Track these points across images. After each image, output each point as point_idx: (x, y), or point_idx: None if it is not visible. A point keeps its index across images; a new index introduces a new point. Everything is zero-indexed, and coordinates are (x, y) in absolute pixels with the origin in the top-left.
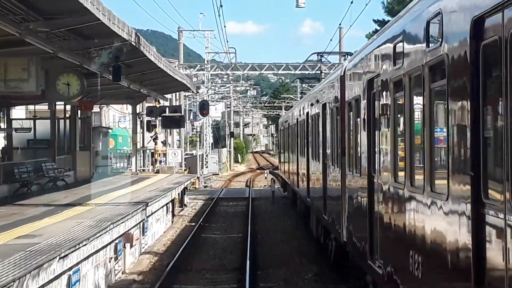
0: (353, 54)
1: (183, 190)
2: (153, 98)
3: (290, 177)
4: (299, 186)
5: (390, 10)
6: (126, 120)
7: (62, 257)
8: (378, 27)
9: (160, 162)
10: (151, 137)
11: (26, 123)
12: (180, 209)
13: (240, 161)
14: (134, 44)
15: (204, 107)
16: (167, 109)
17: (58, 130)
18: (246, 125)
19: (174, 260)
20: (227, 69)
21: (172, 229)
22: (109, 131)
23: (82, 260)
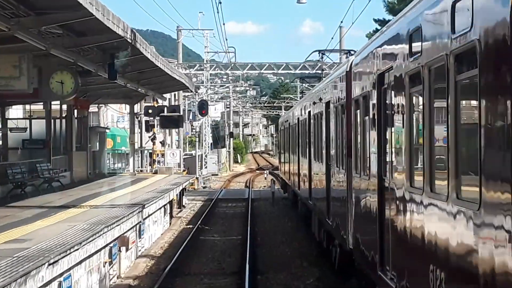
0: (356, 51)
1: (182, 191)
2: (151, 97)
3: (291, 178)
4: (300, 187)
5: (391, 9)
6: (124, 120)
7: (52, 263)
8: (378, 27)
9: (158, 162)
10: (149, 137)
11: (22, 123)
12: (178, 210)
13: (239, 161)
14: (130, 41)
15: (203, 107)
16: (166, 108)
17: (54, 130)
18: (245, 125)
19: (171, 263)
20: (227, 68)
21: (169, 231)
22: (106, 131)
23: (74, 265)
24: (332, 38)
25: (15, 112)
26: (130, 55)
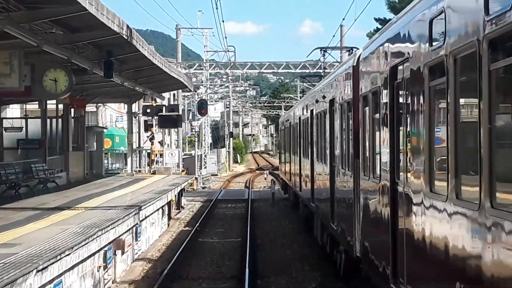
0: (359, 49)
1: (180, 192)
2: (149, 97)
3: (292, 179)
4: (302, 189)
5: (393, 7)
6: (123, 119)
7: (40, 270)
8: (379, 26)
9: (157, 162)
10: (148, 137)
11: (18, 123)
12: (177, 211)
13: (239, 161)
14: (126, 37)
15: (202, 106)
16: (164, 108)
17: (50, 130)
18: (245, 125)
19: (168, 267)
20: (226, 68)
21: (168, 233)
22: (104, 131)
23: (66, 271)
24: (333, 36)
25: (14, 111)
26: (127, 52)
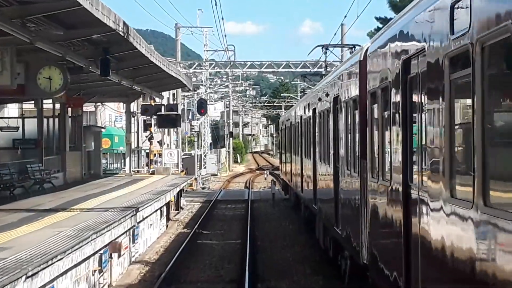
0: (361, 46)
1: (179, 192)
2: (148, 96)
3: (293, 179)
4: (304, 190)
5: (394, 6)
6: (122, 119)
7: (30, 276)
8: (380, 25)
9: (155, 163)
10: (146, 136)
11: (14, 122)
12: (176, 212)
13: (239, 161)
14: (123, 34)
15: (202, 106)
16: (163, 107)
17: (47, 129)
18: (245, 125)
19: (166, 270)
20: (226, 67)
21: (166, 234)
22: (102, 131)
23: (58, 276)
24: (334, 34)
25: (12, 111)
26: (124, 50)
